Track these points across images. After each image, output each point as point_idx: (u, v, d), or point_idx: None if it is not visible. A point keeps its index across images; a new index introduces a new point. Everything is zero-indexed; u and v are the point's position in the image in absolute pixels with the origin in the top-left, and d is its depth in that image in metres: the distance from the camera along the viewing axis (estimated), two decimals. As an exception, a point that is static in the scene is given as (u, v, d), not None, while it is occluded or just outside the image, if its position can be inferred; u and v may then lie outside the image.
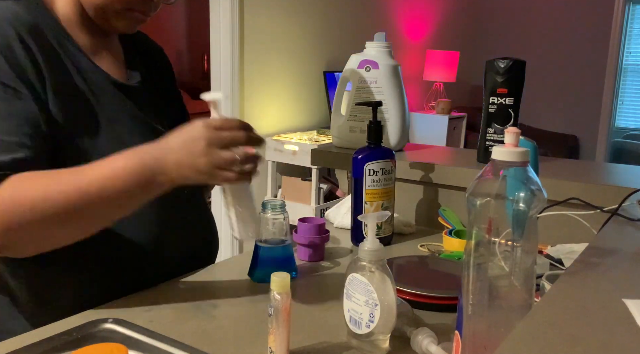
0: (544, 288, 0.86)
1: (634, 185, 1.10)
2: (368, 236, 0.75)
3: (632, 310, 0.56)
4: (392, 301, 0.73)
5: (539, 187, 0.61)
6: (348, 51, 1.52)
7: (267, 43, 3.33)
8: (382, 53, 1.42)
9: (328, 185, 3.36)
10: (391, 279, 0.73)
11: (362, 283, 0.73)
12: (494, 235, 0.62)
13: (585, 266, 0.70)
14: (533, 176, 0.62)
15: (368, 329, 0.73)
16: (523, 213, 0.61)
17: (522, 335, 0.52)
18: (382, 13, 4.38)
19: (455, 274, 0.99)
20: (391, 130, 1.40)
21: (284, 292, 0.70)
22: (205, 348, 0.75)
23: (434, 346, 0.72)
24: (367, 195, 1.16)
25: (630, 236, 0.84)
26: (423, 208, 1.37)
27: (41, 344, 0.74)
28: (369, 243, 0.74)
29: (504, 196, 0.62)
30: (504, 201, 0.62)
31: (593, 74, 5.23)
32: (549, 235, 1.17)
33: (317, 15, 3.70)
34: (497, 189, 0.62)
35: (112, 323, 0.79)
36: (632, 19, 5.16)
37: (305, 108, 3.66)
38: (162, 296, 0.91)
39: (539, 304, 0.59)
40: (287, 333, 0.72)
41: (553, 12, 5.37)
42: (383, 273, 0.73)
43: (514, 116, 1.29)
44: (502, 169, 0.62)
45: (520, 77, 1.29)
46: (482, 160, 1.34)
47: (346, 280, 0.76)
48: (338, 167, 1.51)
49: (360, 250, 0.74)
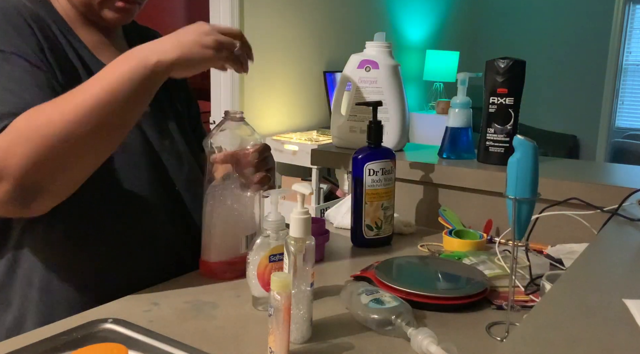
0: (544, 288, 0.86)
1: (634, 185, 1.10)
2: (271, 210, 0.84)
3: (632, 310, 0.56)
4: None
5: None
6: (348, 51, 1.52)
7: (267, 43, 3.33)
8: (382, 53, 1.41)
9: (328, 185, 3.36)
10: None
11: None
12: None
13: (585, 266, 0.70)
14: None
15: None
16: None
17: (522, 335, 0.52)
18: (382, 13, 4.38)
19: (455, 274, 0.99)
20: (391, 130, 1.40)
21: (284, 292, 0.70)
22: (205, 348, 0.75)
23: (434, 346, 0.72)
24: (367, 195, 1.16)
25: (630, 236, 0.84)
26: (423, 208, 1.37)
27: (41, 344, 0.74)
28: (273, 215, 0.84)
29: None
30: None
31: (593, 74, 5.23)
32: (549, 235, 1.17)
33: (317, 15, 3.70)
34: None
35: (112, 323, 0.79)
36: (632, 19, 5.17)
37: (305, 108, 3.66)
38: (162, 296, 0.92)
39: (539, 304, 0.59)
40: (287, 333, 0.71)
41: (553, 12, 5.37)
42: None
43: (514, 116, 1.29)
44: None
45: (520, 77, 1.29)
46: (482, 159, 1.34)
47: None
48: (338, 167, 1.51)
49: (265, 220, 0.85)
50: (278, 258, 0.85)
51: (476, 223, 1.28)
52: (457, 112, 1.37)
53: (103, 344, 0.72)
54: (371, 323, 0.80)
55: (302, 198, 0.78)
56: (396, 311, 0.80)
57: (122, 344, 0.70)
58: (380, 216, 1.18)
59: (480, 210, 1.29)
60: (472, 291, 0.90)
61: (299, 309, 0.77)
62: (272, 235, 0.84)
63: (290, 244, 0.77)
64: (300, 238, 0.77)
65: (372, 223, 1.18)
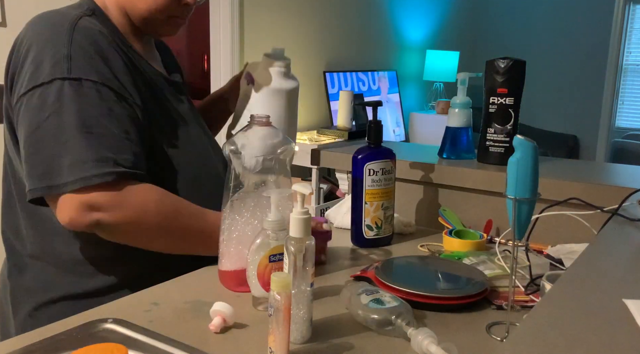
0: (544, 288, 0.86)
1: (634, 185, 1.10)
2: (272, 210, 0.84)
3: (632, 310, 0.56)
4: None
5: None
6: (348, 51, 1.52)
7: (267, 43, 3.33)
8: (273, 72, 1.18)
9: (328, 185, 3.36)
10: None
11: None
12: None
13: (585, 266, 0.70)
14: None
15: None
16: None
17: (523, 335, 0.52)
18: (382, 13, 4.38)
19: (455, 274, 0.99)
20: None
21: (284, 292, 0.70)
22: (205, 348, 0.75)
23: (434, 346, 0.72)
24: (367, 195, 1.16)
25: (630, 236, 0.84)
26: (423, 208, 1.37)
27: (41, 344, 0.74)
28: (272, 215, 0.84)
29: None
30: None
31: (593, 74, 5.23)
32: (549, 235, 1.17)
33: (317, 15, 3.70)
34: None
35: (112, 323, 0.79)
36: (632, 19, 5.16)
37: (305, 108, 3.65)
38: (162, 296, 0.92)
39: (539, 304, 0.59)
40: (287, 333, 0.71)
41: (553, 12, 5.37)
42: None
43: (514, 116, 1.29)
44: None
45: (520, 77, 1.29)
46: (482, 159, 1.34)
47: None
48: (338, 167, 1.51)
49: (265, 221, 0.85)
50: (278, 258, 0.85)
51: (476, 223, 1.29)
52: (457, 112, 1.37)
53: (103, 344, 0.72)
54: (371, 323, 0.80)
55: (302, 198, 0.78)
56: (396, 311, 0.80)
57: (122, 344, 0.70)
58: (380, 216, 1.18)
59: (480, 210, 1.29)
60: (472, 291, 0.90)
61: (299, 309, 0.77)
62: (272, 235, 0.84)
63: (290, 244, 0.77)
64: (300, 238, 0.77)
65: (372, 223, 1.18)
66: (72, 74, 0.92)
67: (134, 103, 0.98)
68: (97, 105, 0.92)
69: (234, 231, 0.92)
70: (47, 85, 0.91)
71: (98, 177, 0.89)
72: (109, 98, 0.94)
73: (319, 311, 0.86)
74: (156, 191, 0.96)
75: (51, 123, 0.90)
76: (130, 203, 0.92)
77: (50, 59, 0.92)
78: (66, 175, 0.89)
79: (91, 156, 0.89)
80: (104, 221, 0.91)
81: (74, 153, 0.89)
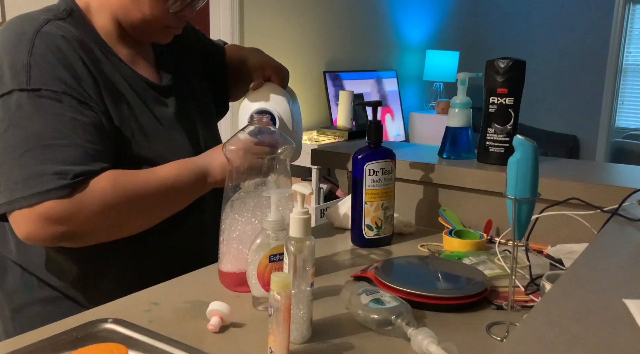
0: (544, 288, 0.86)
1: (634, 185, 1.10)
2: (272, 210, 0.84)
3: (632, 310, 0.56)
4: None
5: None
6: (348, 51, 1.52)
7: (267, 43, 3.33)
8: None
9: (328, 185, 3.36)
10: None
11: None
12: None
13: (585, 266, 0.70)
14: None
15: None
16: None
17: (522, 335, 0.52)
18: (382, 13, 4.38)
19: (455, 274, 0.99)
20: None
21: (284, 292, 0.70)
22: (205, 348, 0.75)
23: (434, 346, 0.72)
24: (367, 195, 1.16)
25: (630, 236, 0.84)
26: (423, 208, 1.37)
27: (41, 344, 0.74)
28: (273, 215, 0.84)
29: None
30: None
31: (593, 74, 5.23)
32: (549, 235, 1.17)
33: (317, 15, 3.70)
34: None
35: (112, 323, 0.79)
36: (632, 19, 5.16)
37: (305, 108, 3.65)
38: (162, 296, 0.92)
39: (539, 304, 0.59)
40: (287, 333, 0.71)
41: (553, 13, 5.37)
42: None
43: (514, 116, 1.29)
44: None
45: (520, 77, 1.28)
46: (482, 159, 1.34)
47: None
48: (338, 167, 1.51)
49: (265, 221, 0.85)
50: (278, 258, 0.85)
51: (476, 223, 1.29)
52: (457, 112, 1.37)
53: (103, 344, 0.72)
54: (371, 323, 0.80)
55: (302, 198, 0.78)
56: (396, 311, 0.80)
57: (122, 344, 0.70)
58: (380, 216, 1.18)
59: (480, 210, 1.29)
60: (472, 291, 0.90)
61: (299, 309, 0.77)
62: (272, 235, 0.84)
63: (290, 244, 0.77)
64: (300, 238, 0.77)
65: (372, 223, 1.18)
66: (31, 85, 0.90)
67: (98, 110, 0.95)
68: (57, 115, 0.90)
69: (234, 231, 0.92)
70: (7, 96, 0.90)
71: (56, 190, 0.87)
72: (70, 107, 0.91)
73: (319, 311, 0.86)
74: (106, 179, 0.91)
75: (9, 136, 0.89)
76: (88, 203, 0.89)
77: (10, 69, 0.91)
78: (21, 190, 0.87)
79: (47, 169, 0.87)
80: (69, 232, 0.89)
81: (30, 168, 0.87)
